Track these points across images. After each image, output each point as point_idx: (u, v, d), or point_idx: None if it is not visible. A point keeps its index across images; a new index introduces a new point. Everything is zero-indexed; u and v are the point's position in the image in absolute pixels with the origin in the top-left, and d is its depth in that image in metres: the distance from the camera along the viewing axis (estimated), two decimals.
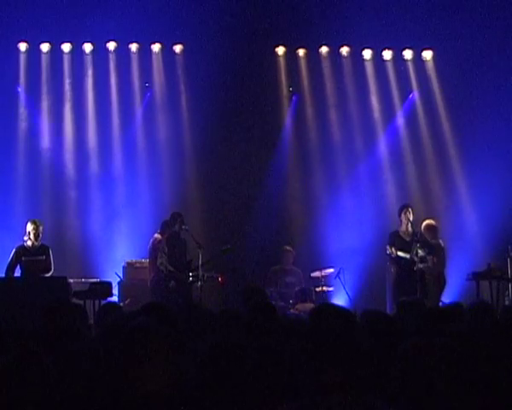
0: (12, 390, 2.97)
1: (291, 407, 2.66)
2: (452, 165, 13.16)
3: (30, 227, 9.96)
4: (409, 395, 3.42)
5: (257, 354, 3.44)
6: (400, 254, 10.29)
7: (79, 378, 3.38)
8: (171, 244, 10.37)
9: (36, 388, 3.01)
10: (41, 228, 10.01)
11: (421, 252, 10.32)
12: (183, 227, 10.39)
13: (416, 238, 10.35)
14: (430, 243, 10.53)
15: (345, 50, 13.28)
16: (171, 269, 10.21)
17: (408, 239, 10.46)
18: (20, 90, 12.58)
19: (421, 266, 10.27)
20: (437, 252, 10.56)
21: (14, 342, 4.16)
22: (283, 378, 3.36)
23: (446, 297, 10.57)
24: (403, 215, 10.63)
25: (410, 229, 10.50)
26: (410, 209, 10.67)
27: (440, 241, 10.75)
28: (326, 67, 13.34)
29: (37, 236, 9.95)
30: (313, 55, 13.32)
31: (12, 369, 3.02)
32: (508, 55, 12.66)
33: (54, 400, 3.10)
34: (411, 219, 10.55)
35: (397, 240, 10.47)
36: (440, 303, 9.83)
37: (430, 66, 13.40)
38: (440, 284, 10.58)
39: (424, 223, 10.75)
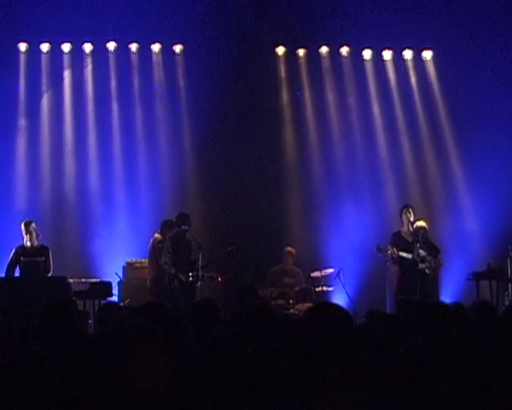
0: (13, 390, 2.97)
1: (288, 405, 2.65)
2: (452, 165, 13.16)
3: (22, 229, 10.06)
4: (410, 395, 3.42)
5: (253, 353, 3.43)
6: (402, 254, 10.27)
7: (79, 377, 3.38)
8: (175, 244, 10.34)
9: (36, 387, 3.01)
10: (31, 227, 10.04)
11: (422, 252, 10.32)
12: (183, 227, 10.34)
13: (417, 238, 10.34)
14: (431, 243, 10.52)
15: (345, 50, 13.27)
16: (173, 271, 10.18)
17: (410, 239, 10.45)
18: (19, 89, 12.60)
19: (422, 266, 10.26)
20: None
21: (14, 341, 4.16)
22: (280, 377, 3.36)
23: (446, 297, 10.56)
24: (403, 216, 10.63)
25: (410, 229, 10.49)
26: (410, 210, 10.67)
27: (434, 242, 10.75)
28: (326, 67, 13.34)
29: (29, 235, 9.99)
30: (313, 55, 13.32)
31: (13, 368, 3.02)
32: (508, 55, 12.65)
33: (53, 398, 3.10)
34: (412, 219, 10.54)
35: (399, 240, 10.46)
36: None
37: (430, 66, 13.40)
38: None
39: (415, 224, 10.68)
